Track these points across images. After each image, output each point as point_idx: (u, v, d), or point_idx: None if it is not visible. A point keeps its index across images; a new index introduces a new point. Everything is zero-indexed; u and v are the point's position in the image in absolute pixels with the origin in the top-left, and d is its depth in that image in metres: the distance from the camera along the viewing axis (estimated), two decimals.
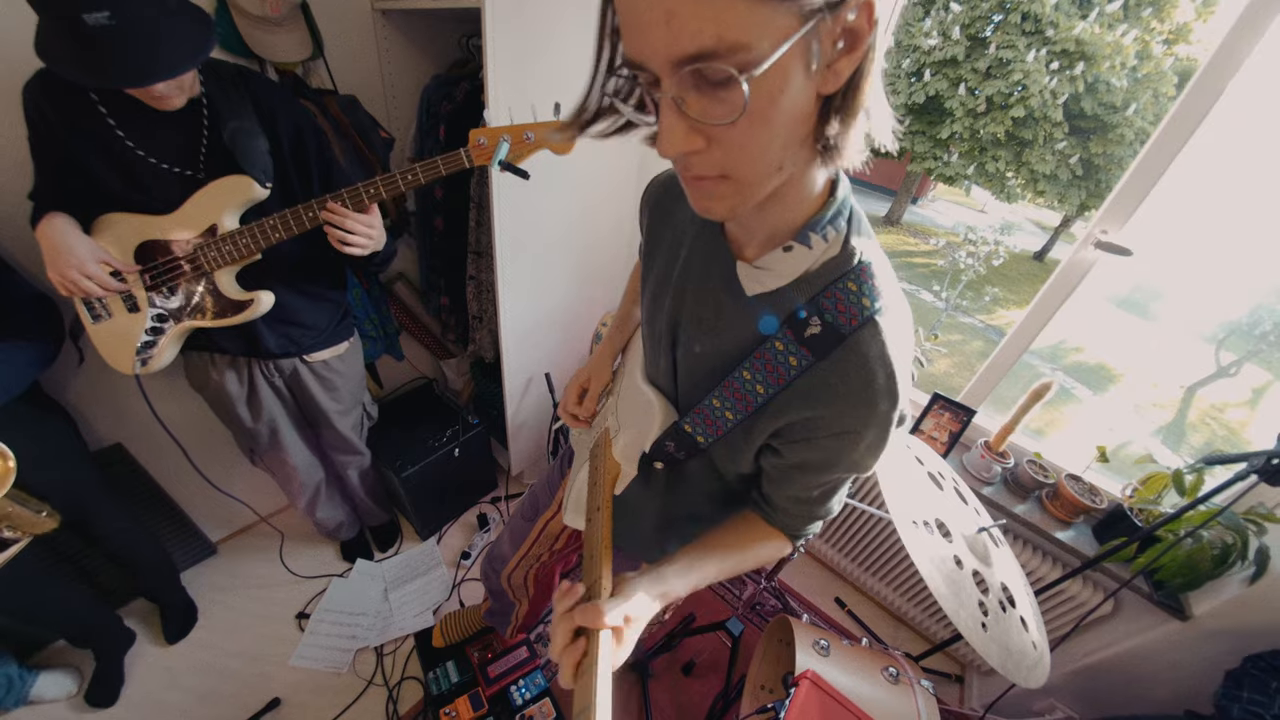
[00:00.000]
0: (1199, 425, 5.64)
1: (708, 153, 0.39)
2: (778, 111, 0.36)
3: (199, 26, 0.84)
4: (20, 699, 1.31)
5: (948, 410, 1.51)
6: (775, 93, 0.35)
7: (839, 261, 0.50)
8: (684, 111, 0.37)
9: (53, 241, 0.92)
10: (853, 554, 1.85)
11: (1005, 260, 7.59)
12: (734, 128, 0.36)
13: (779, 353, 0.52)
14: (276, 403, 1.31)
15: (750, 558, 0.63)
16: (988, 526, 1.11)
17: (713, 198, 0.43)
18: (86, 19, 0.71)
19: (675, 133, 0.38)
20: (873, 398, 0.49)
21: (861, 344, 0.49)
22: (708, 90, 0.35)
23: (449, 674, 1.43)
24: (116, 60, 0.76)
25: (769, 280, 0.52)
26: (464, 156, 0.95)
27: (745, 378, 0.54)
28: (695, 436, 0.62)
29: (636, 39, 0.36)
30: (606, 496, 0.70)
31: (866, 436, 0.52)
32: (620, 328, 0.92)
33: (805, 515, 0.63)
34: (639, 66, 0.37)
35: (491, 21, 1.05)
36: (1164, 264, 6.97)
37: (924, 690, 1.03)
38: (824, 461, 0.56)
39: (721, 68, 0.33)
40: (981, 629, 0.89)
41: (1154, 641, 1.23)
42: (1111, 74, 7.04)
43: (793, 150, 0.40)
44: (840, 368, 0.50)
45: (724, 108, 0.36)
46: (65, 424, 1.24)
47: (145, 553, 1.45)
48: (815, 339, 0.50)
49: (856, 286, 0.49)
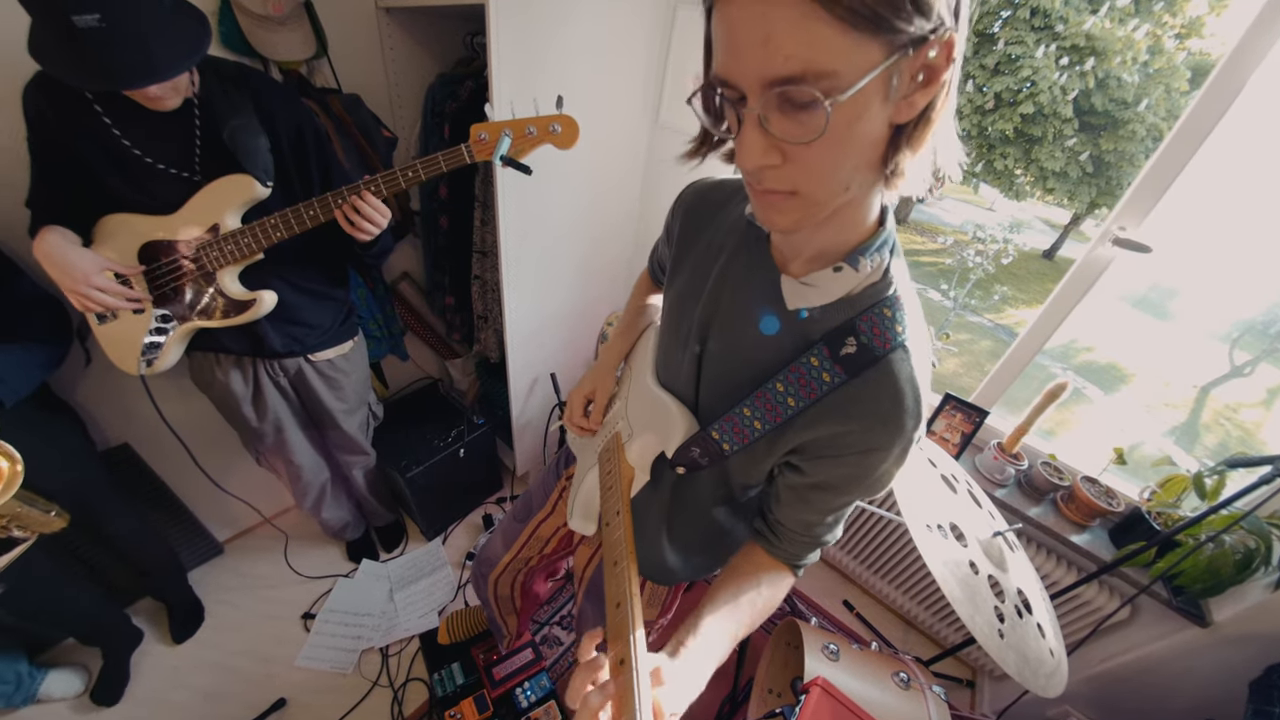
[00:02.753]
0: (1212, 426, 5.55)
1: (782, 169, 0.41)
2: (853, 135, 0.38)
3: (194, 27, 0.83)
4: (29, 696, 1.32)
5: (960, 411, 1.48)
6: (853, 118, 0.37)
7: (879, 287, 0.52)
8: (766, 129, 0.39)
9: (51, 260, 0.92)
10: (861, 557, 1.82)
11: (1014, 259, 7.51)
12: (810, 147, 0.38)
13: (813, 368, 0.53)
14: (282, 402, 1.31)
15: (762, 602, 0.61)
16: (1003, 530, 1.09)
17: (780, 211, 0.45)
18: (76, 21, 0.70)
19: (755, 148, 0.40)
20: (901, 417, 0.51)
21: (894, 365, 0.51)
22: (790, 111, 0.37)
23: (454, 676, 1.43)
24: (107, 62, 0.75)
25: (813, 296, 0.53)
26: (465, 152, 0.93)
27: (778, 390, 0.56)
28: (722, 444, 0.62)
29: (731, 58, 0.37)
30: (625, 501, 0.69)
31: (892, 454, 0.53)
32: (624, 335, 0.91)
33: (811, 541, 0.64)
34: (728, 84, 0.39)
35: (495, 17, 1.04)
36: (1178, 261, 6.87)
37: (936, 696, 1.01)
38: (845, 480, 0.57)
39: (809, 91, 0.35)
40: (998, 636, 0.87)
41: (1173, 648, 1.20)
42: (1123, 69, 6.95)
43: (861, 173, 0.42)
44: (873, 387, 0.51)
45: (804, 129, 0.37)
46: (74, 424, 1.24)
47: (152, 552, 1.46)
48: (850, 358, 0.52)
49: (891, 313, 0.51)
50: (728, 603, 0.59)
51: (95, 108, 0.88)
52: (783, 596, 0.65)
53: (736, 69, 0.37)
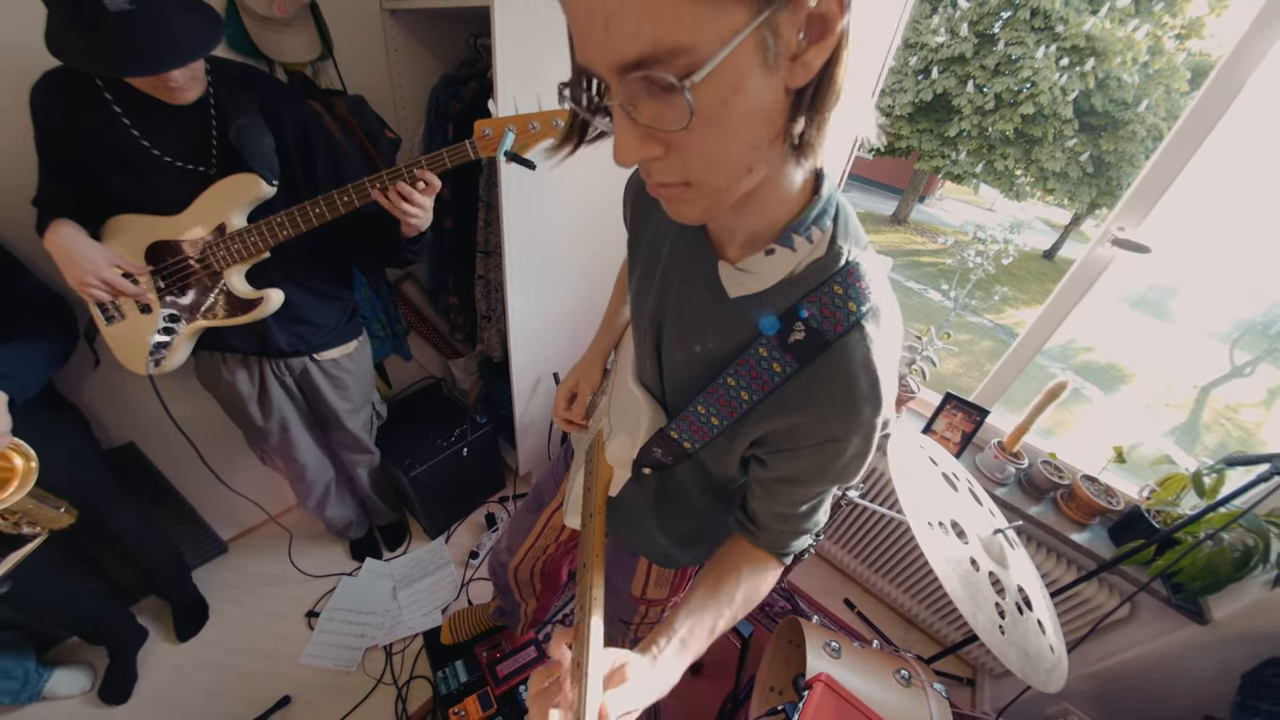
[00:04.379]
0: (1213, 426, 5.56)
1: (666, 160, 0.37)
2: (733, 114, 0.34)
3: (208, 14, 0.84)
4: (35, 694, 1.33)
5: (960, 410, 1.49)
6: (728, 94, 0.32)
7: (824, 263, 0.47)
8: (635, 119, 0.35)
9: (64, 250, 0.92)
10: (862, 555, 1.83)
11: (1015, 259, 7.52)
12: (689, 133, 0.34)
13: (763, 359, 0.50)
14: (287, 401, 1.32)
15: (742, 594, 0.60)
16: (1004, 528, 1.10)
17: (682, 203, 0.41)
18: (108, 4, 0.72)
19: (629, 142, 0.36)
20: (855, 404, 0.48)
21: (846, 350, 0.47)
22: (658, 94, 0.33)
23: (458, 673, 1.44)
24: (132, 47, 0.76)
25: (751, 283, 0.50)
26: (469, 148, 0.94)
27: (730, 384, 0.53)
28: (682, 443, 0.61)
29: (583, 44, 0.34)
30: (600, 502, 0.69)
31: (851, 444, 0.50)
32: (608, 327, 0.91)
33: (791, 531, 0.61)
34: (590, 73, 0.35)
35: (500, 18, 1.04)
36: (1178, 262, 6.88)
37: (937, 694, 1.01)
38: (808, 473, 0.54)
39: (661, 75, 0.31)
40: (999, 632, 0.88)
41: (1172, 645, 1.21)
42: (1123, 70, 6.96)
43: (761, 150, 0.37)
44: (822, 374, 0.48)
45: (675, 113, 0.33)
46: (78, 423, 1.25)
47: (157, 550, 1.47)
48: (799, 345, 0.48)
49: (843, 290, 0.46)
50: (706, 597, 0.58)
51: (106, 95, 0.89)
52: (769, 586, 0.63)
53: (590, 55, 0.34)
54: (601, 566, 0.57)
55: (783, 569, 0.65)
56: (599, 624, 0.50)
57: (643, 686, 0.48)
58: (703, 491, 0.71)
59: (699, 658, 0.55)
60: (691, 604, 0.57)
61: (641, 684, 0.48)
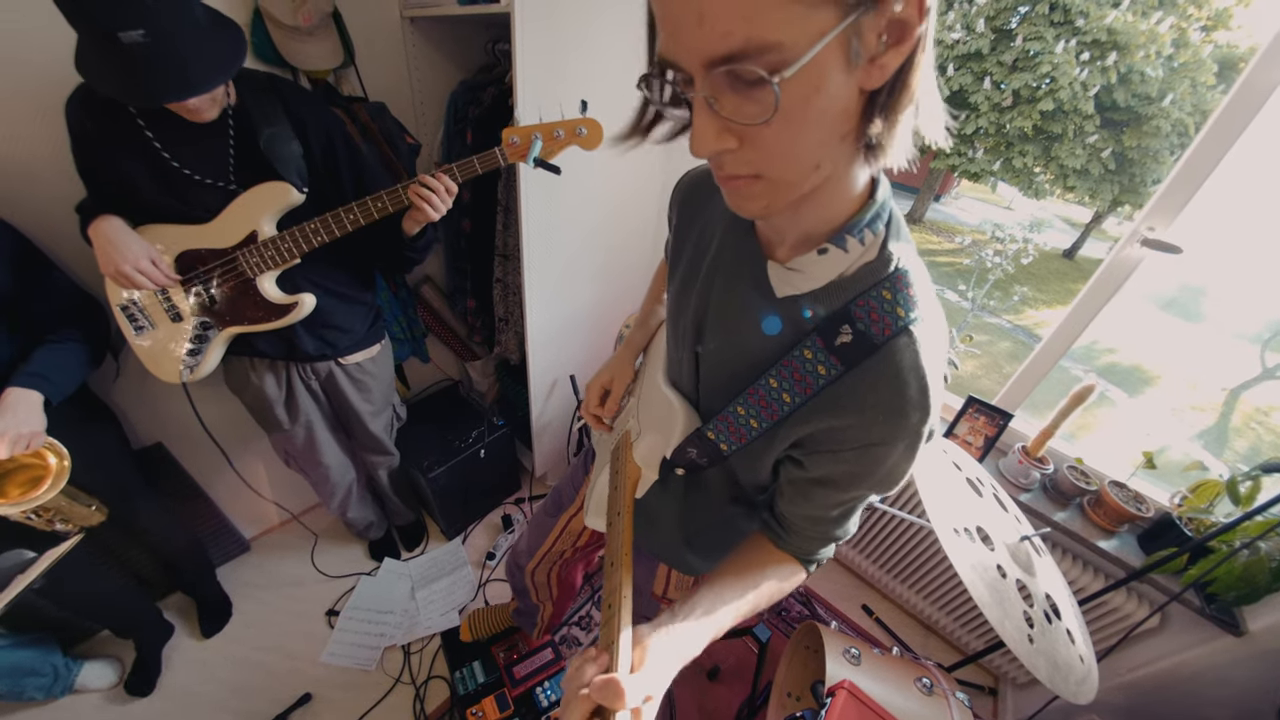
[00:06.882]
0: (1243, 429, 5.39)
1: (741, 152, 0.38)
2: (813, 111, 0.35)
3: (231, 38, 0.86)
4: (67, 687, 1.37)
5: (983, 414, 1.47)
6: (810, 92, 0.34)
7: (875, 267, 0.47)
8: (716, 111, 0.36)
9: (106, 237, 0.94)
10: (881, 560, 1.81)
11: (1034, 258, 7.37)
12: (767, 127, 0.35)
13: (807, 361, 0.49)
14: (312, 405, 1.34)
15: (764, 592, 0.58)
16: (1030, 534, 1.07)
17: (747, 197, 0.42)
18: (122, 37, 0.73)
19: (707, 133, 0.37)
20: (904, 409, 0.47)
21: (895, 353, 0.46)
22: (741, 89, 0.34)
23: (475, 674, 1.44)
24: (150, 77, 0.77)
25: (801, 283, 0.50)
26: (499, 155, 0.97)
27: (771, 385, 0.52)
28: (719, 444, 0.60)
29: (669, 39, 0.35)
30: (627, 502, 0.68)
31: (895, 450, 0.49)
32: (642, 326, 0.91)
33: (820, 537, 0.60)
34: (673, 66, 0.36)
35: (521, 25, 1.05)
36: (1207, 261, 6.68)
37: (959, 703, 1.00)
38: (848, 476, 0.53)
39: (752, 69, 0.32)
40: (1028, 641, 0.86)
41: (1204, 657, 1.17)
42: (1146, 64, 6.78)
43: (831, 149, 0.38)
44: (870, 378, 0.47)
45: (757, 107, 0.34)
46: (110, 424, 1.28)
47: (183, 548, 1.50)
48: (845, 348, 0.48)
49: (891, 295, 0.46)
50: (730, 577, 0.57)
51: (137, 121, 0.92)
52: (791, 588, 0.62)
53: (676, 50, 0.35)
54: (630, 565, 0.56)
55: (805, 575, 0.63)
56: (629, 618, 0.50)
57: (663, 660, 0.48)
58: (730, 501, 0.70)
59: (716, 662, 0.54)
60: (715, 583, 0.56)
61: (661, 658, 0.48)
